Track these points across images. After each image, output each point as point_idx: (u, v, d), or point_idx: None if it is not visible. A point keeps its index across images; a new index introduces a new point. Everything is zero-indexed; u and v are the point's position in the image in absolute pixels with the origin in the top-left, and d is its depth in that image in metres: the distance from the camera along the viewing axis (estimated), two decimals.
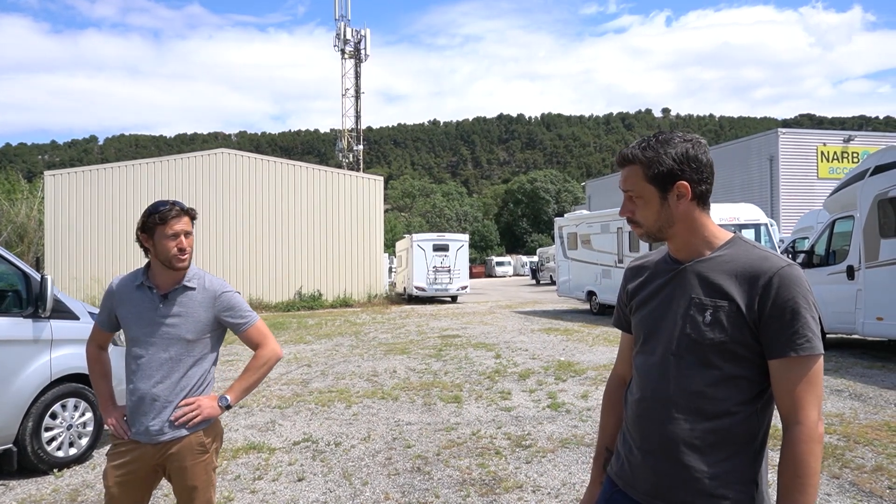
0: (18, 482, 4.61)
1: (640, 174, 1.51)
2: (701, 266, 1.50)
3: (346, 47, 40.86)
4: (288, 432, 5.83)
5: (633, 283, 1.68)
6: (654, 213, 1.51)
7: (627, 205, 1.56)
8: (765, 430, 1.47)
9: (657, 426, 1.49)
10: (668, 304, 1.53)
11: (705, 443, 1.43)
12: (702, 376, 1.44)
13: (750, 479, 1.43)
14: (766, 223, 13.96)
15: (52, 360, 4.84)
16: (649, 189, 1.50)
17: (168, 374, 2.40)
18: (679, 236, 1.53)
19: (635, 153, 1.51)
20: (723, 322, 1.42)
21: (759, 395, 1.44)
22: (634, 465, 1.54)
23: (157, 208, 2.42)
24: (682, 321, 1.48)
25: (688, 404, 1.45)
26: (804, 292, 1.39)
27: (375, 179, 24.09)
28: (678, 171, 1.48)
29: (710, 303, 1.45)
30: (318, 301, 21.58)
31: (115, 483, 2.40)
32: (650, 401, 1.52)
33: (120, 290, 2.53)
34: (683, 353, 1.47)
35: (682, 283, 1.52)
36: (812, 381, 1.37)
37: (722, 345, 1.42)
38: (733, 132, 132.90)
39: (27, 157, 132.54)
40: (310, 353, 10.83)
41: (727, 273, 1.45)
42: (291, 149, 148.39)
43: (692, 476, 1.43)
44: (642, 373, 1.57)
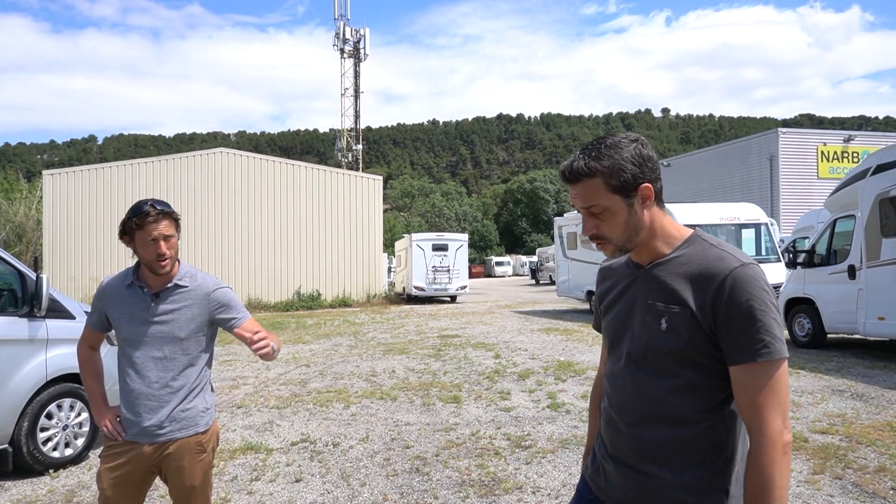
0: (14, 483, 4.57)
1: (601, 186, 1.40)
2: (658, 269, 1.44)
3: (345, 47, 40.85)
4: (286, 433, 5.79)
5: (603, 286, 1.64)
6: (622, 224, 1.42)
7: (590, 221, 1.44)
8: (740, 436, 1.40)
9: (624, 434, 1.47)
10: (629, 309, 1.49)
11: (671, 452, 1.39)
12: (662, 384, 1.40)
13: (719, 487, 1.37)
14: (766, 223, 13.93)
15: (47, 359, 4.80)
16: (615, 200, 1.40)
17: (163, 373, 2.37)
18: (644, 243, 1.46)
19: (592, 165, 1.39)
20: (678, 329, 1.36)
21: (725, 402, 1.38)
22: (607, 472, 1.53)
23: (136, 210, 2.34)
24: (640, 328, 1.44)
25: (651, 413, 1.41)
26: (760, 293, 1.31)
27: (375, 179, 24.05)
28: (639, 175, 1.40)
29: (664, 309, 1.39)
30: (316, 301, 21.54)
31: (110, 485, 2.37)
32: (616, 409, 1.49)
33: (110, 290, 2.49)
34: (643, 361, 1.43)
35: (640, 288, 1.47)
36: (774, 388, 1.30)
37: (680, 352, 1.37)
38: (733, 132, 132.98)
39: (26, 157, 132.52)
40: (308, 353, 10.79)
41: (682, 276, 1.39)
42: (291, 148, 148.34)
43: (659, 485, 1.40)
44: (609, 380, 1.55)
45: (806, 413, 5.95)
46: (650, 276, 1.45)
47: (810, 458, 4.65)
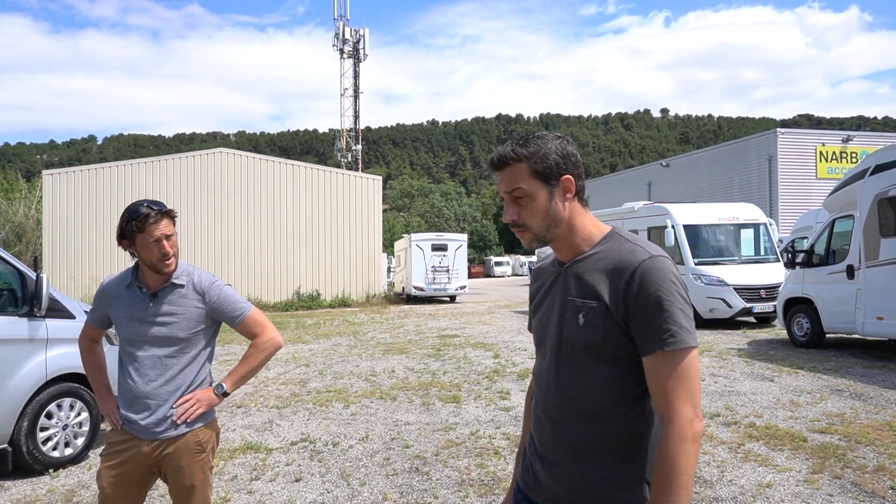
0: (13, 482, 4.57)
1: (525, 171, 1.43)
2: (578, 266, 1.47)
3: (344, 47, 40.84)
4: (286, 432, 5.79)
5: (533, 287, 1.67)
6: (542, 213, 1.44)
7: (511, 207, 1.46)
8: (654, 427, 1.42)
9: (550, 432, 1.48)
10: (552, 308, 1.52)
11: (595, 447, 1.40)
12: (583, 380, 1.42)
13: (642, 478, 1.39)
14: (765, 223, 13.94)
15: (47, 359, 4.80)
16: (537, 185, 1.43)
17: (162, 372, 2.37)
18: (562, 236, 1.48)
19: (517, 150, 1.43)
20: (595, 323, 1.38)
21: (644, 396, 1.39)
22: (536, 471, 1.54)
23: (134, 213, 2.34)
24: (560, 325, 1.47)
25: (574, 409, 1.43)
26: (668, 284, 1.34)
27: (374, 179, 24.04)
28: (562, 166, 1.44)
29: (581, 304, 1.42)
30: (316, 301, 21.53)
31: (109, 484, 2.37)
32: (542, 407, 1.51)
33: (111, 290, 2.50)
34: (564, 358, 1.45)
35: (561, 286, 1.50)
36: (683, 377, 1.31)
37: (597, 346, 1.39)
38: (732, 132, 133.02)
39: (26, 157, 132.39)
40: (308, 353, 10.79)
41: (598, 271, 1.42)
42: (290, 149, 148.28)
43: (586, 481, 1.41)
44: (536, 379, 1.57)
45: (805, 412, 5.96)
46: (570, 273, 1.47)
47: (809, 458, 4.66)
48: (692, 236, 13.35)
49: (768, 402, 6.39)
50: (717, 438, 5.21)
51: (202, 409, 2.38)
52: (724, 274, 12.68)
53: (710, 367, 8.39)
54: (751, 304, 12.48)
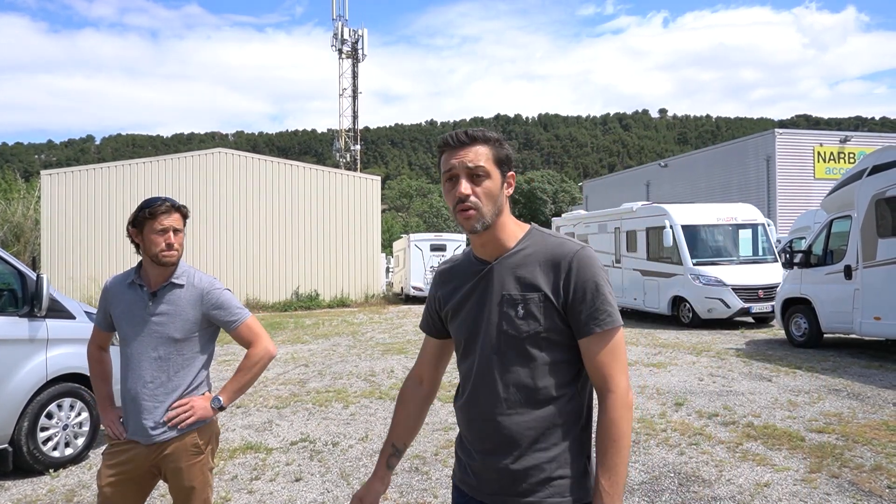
0: (14, 482, 4.59)
1: (489, 154, 1.49)
2: (507, 262, 1.53)
3: (343, 47, 40.82)
4: (285, 432, 5.80)
5: (444, 289, 1.67)
6: (494, 198, 1.49)
7: (470, 182, 1.46)
8: (588, 406, 1.54)
9: (491, 425, 1.51)
10: (482, 305, 1.54)
11: (539, 431, 1.47)
12: (524, 368, 1.48)
13: (582, 453, 1.51)
14: (763, 223, 13.97)
15: (47, 359, 4.81)
16: (496, 172, 1.50)
17: (157, 373, 2.38)
18: (494, 229, 1.51)
19: (486, 133, 1.50)
20: (534, 313, 1.47)
21: (578, 375, 1.52)
22: (476, 470, 1.56)
23: (148, 203, 2.40)
24: (497, 319, 1.51)
25: (517, 398, 1.49)
26: (599, 271, 1.47)
27: (373, 179, 24.05)
28: (511, 161, 1.54)
29: (520, 297, 1.48)
30: (315, 301, 21.54)
31: (108, 483, 2.37)
32: (481, 402, 1.53)
33: (113, 288, 2.52)
34: (504, 350, 1.50)
35: (491, 282, 1.53)
36: (616, 352, 1.46)
37: (538, 335, 1.47)
38: (730, 132, 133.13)
39: (24, 157, 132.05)
40: (307, 353, 10.80)
41: (532, 264, 1.50)
42: (289, 149, 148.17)
43: (533, 465, 1.47)
44: (468, 377, 1.58)
45: (803, 412, 5.99)
46: (501, 269, 1.53)
47: (807, 457, 4.68)
48: (690, 237, 13.37)
49: (766, 402, 6.41)
50: (716, 438, 5.23)
51: (195, 419, 2.38)
52: (723, 274, 12.70)
53: (708, 367, 8.41)
54: (749, 305, 12.51)
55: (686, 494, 4.08)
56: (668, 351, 9.95)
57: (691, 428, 5.55)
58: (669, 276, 13.52)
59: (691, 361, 8.93)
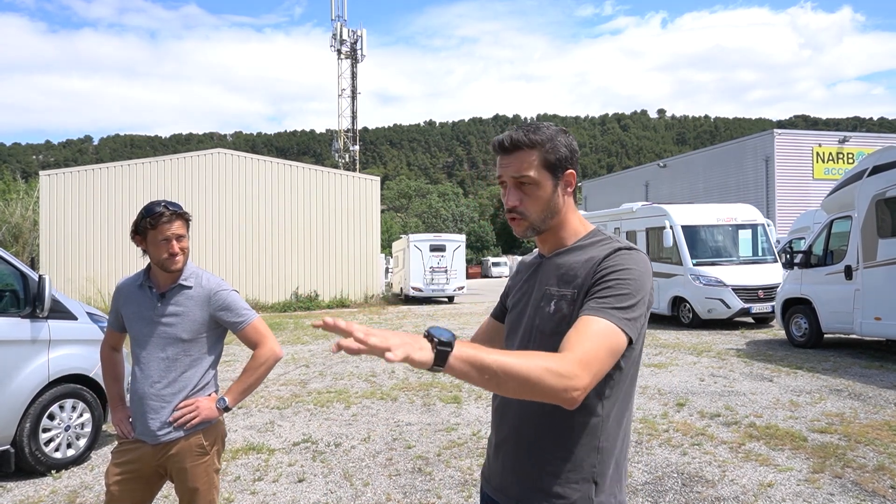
0: (16, 483, 4.57)
1: (536, 159, 1.42)
2: (558, 258, 1.49)
3: (342, 48, 40.83)
4: (287, 433, 5.80)
5: (514, 279, 1.68)
6: (544, 203, 1.44)
7: (515, 193, 1.44)
8: (612, 427, 1.39)
9: (506, 421, 1.50)
10: (527, 298, 1.53)
11: (545, 438, 1.40)
12: None
13: (589, 478, 1.38)
14: (763, 223, 13.98)
15: (49, 360, 4.80)
16: (545, 176, 1.43)
17: (165, 373, 2.39)
18: (552, 229, 1.49)
19: (531, 137, 1.42)
20: (564, 311, 1.40)
21: (600, 391, 1.37)
22: (490, 460, 1.57)
23: (150, 211, 2.39)
24: (533, 313, 1.48)
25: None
26: (636, 272, 1.34)
27: (372, 180, 24.03)
28: (569, 160, 1.45)
29: (556, 293, 1.43)
30: (314, 302, 21.53)
31: (115, 481, 2.39)
32: (502, 396, 1.51)
33: (124, 290, 2.53)
34: (532, 345, 1.46)
35: (539, 277, 1.52)
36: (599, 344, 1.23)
37: (563, 334, 1.36)
38: (728, 133, 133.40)
39: (21, 157, 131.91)
40: (307, 354, 10.80)
41: (578, 263, 1.44)
42: (287, 149, 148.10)
43: (533, 471, 1.42)
44: None
45: (804, 412, 5.99)
46: (550, 265, 1.50)
47: (810, 457, 4.69)
48: (691, 237, 13.39)
49: (768, 402, 6.42)
50: (718, 438, 5.23)
51: (200, 419, 2.39)
52: (723, 274, 12.72)
53: (709, 368, 8.42)
54: (749, 305, 12.52)
55: (690, 495, 4.08)
56: (669, 351, 9.95)
57: (693, 428, 5.55)
58: (669, 277, 13.53)
59: (692, 362, 8.93)
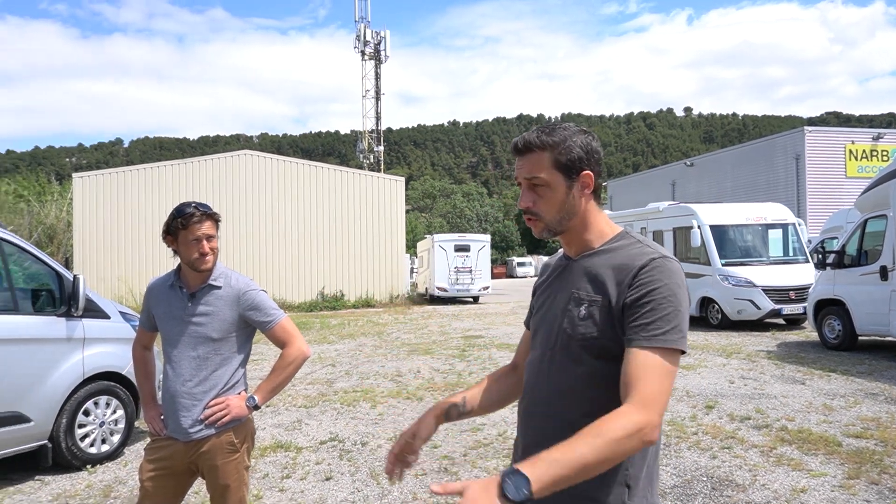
0: (53, 477, 4.70)
1: (547, 161, 1.42)
2: (586, 261, 1.46)
3: (366, 49, 41.08)
4: (314, 431, 5.85)
5: (539, 280, 1.67)
6: (558, 205, 1.43)
7: (528, 194, 1.46)
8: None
9: (534, 424, 1.48)
10: (554, 300, 1.51)
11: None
12: (572, 373, 1.41)
13: (622, 482, 1.36)
14: (794, 223, 13.71)
15: (84, 358, 4.92)
16: (557, 177, 1.42)
17: (196, 372, 2.43)
18: (574, 230, 1.48)
19: (542, 138, 1.42)
20: (595, 317, 1.38)
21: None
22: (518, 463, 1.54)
23: (181, 212, 2.43)
24: (560, 316, 1.46)
25: (559, 402, 1.42)
26: (673, 285, 1.32)
27: (396, 180, 24.14)
28: (585, 161, 1.43)
29: (586, 297, 1.41)
30: (340, 301, 21.69)
31: (149, 477, 2.44)
32: (530, 398, 1.51)
33: (155, 289, 2.58)
34: (558, 350, 1.44)
35: (567, 279, 1.50)
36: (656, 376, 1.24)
37: (594, 340, 1.37)
38: (757, 131, 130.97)
39: (55, 160, 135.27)
40: (334, 353, 10.88)
41: (607, 267, 1.41)
42: (312, 150, 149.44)
43: None
44: (526, 371, 1.57)
45: (838, 416, 5.86)
46: (578, 267, 1.48)
47: (844, 463, 4.58)
48: (719, 237, 13.18)
49: (800, 406, 6.29)
50: (749, 442, 5.14)
51: (230, 417, 2.43)
52: (752, 275, 12.50)
53: (738, 370, 8.28)
54: (780, 306, 12.28)
55: (720, 499, 4.01)
56: (698, 353, 9.81)
57: (723, 431, 5.46)
58: (697, 277, 13.34)
59: (721, 363, 8.79)
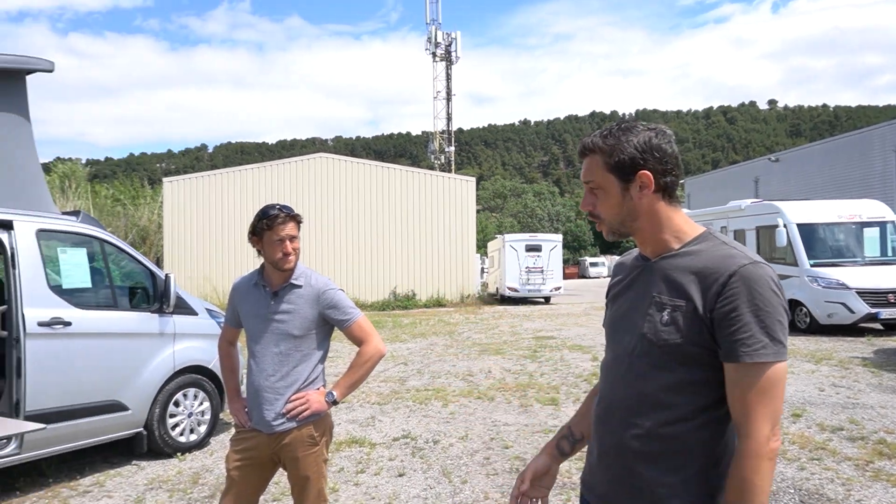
0: (148, 463, 5.03)
1: (600, 163, 1.43)
2: (665, 262, 1.42)
3: (437, 51, 41.39)
4: (387, 428, 5.97)
5: (613, 280, 1.63)
6: (616, 206, 1.43)
7: (588, 197, 1.48)
8: (730, 439, 1.36)
9: (611, 429, 1.45)
10: (632, 302, 1.48)
11: (656, 450, 1.36)
12: (656, 379, 1.37)
13: (705, 492, 1.34)
14: (893, 220, 12.78)
15: (175, 352, 5.23)
16: (610, 179, 1.43)
17: (278, 367, 2.53)
18: (644, 231, 1.45)
19: (595, 142, 1.44)
20: (679, 323, 1.34)
21: (720, 402, 1.33)
22: (593, 468, 1.52)
23: (266, 213, 2.54)
24: (640, 321, 1.42)
25: (640, 408, 1.39)
26: (767, 292, 1.28)
27: (467, 180, 24.22)
28: (640, 161, 1.40)
29: (668, 302, 1.37)
30: (412, 301, 21.98)
31: (235, 467, 2.57)
32: (606, 403, 1.48)
33: (240, 288, 2.71)
34: (639, 355, 1.40)
35: (646, 281, 1.45)
36: (766, 391, 1.26)
37: (677, 347, 1.34)
38: (850, 123, 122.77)
39: (147, 166, 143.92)
40: (406, 352, 11.05)
41: (689, 270, 1.36)
42: (384, 152, 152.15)
43: (641, 484, 1.37)
44: (603, 374, 1.54)
45: None
46: (656, 269, 1.43)
47: None
48: (807, 236, 12.47)
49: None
50: (841, 454, 4.84)
51: (311, 412, 2.52)
52: (845, 276, 11.74)
53: (829, 377, 7.81)
54: (876, 310, 11.47)
55: None
56: None
57: (812, 441, 5.17)
58: (783, 279, 12.66)
59: (810, 370, 8.32)
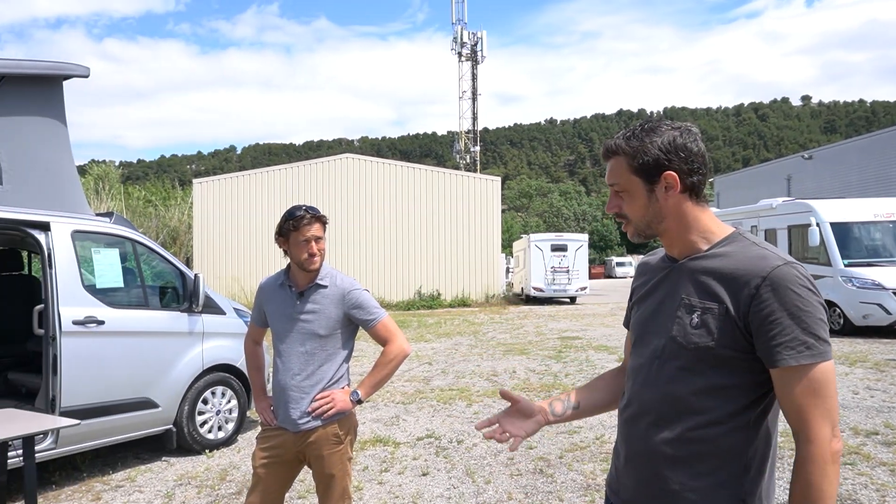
0: (177, 459, 5.13)
1: (624, 165, 1.41)
2: (694, 264, 1.39)
3: (462, 50, 41.38)
4: (412, 427, 6.00)
5: (638, 281, 1.60)
6: (642, 208, 1.41)
7: (613, 200, 1.46)
8: (761, 444, 1.33)
9: (639, 433, 1.43)
10: (660, 304, 1.45)
11: (687, 454, 1.34)
12: (686, 383, 1.34)
13: (737, 497, 1.31)
14: None
15: (203, 350, 5.33)
16: (635, 181, 1.41)
17: (304, 366, 2.56)
18: (671, 232, 1.43)
19: (619, 143, 1.42)
20: (710, 326, 1.31)
21: (751, 406, 1.31)
22: (620, 472, 1.50)
23: (292, 214, 2.57)
24: (669, 323, 1.39)
25: (670, 411, 1.36)
26: (805, 292, 1.25)
27: (493, 180, 24.18)
28: (665, 161, 1.37)
29: (698, 304, 1.34)
30: (436, 300, 22.02)
31: (262, 464, 2.61)
32: (635, 406, 1.45)
33: (266, 288, 2.76)
34: (668, 358, 1.38)
35: (674, 283, 1.43)
36: (819, 392, 1.23)
37: (708, 350, 1.31)
38: (889, 118, 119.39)
39: (178, 167, 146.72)
40: (430, 352, 11.08)
41: (720, 272, 1.33)
42: (410, 152, 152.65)
43: (670, 488, 1.35)
44: (630, 376, 1.51)
45: None
46: (685, 271, 1.41)
47: None
48: (841, 235, 12.17)
49: None
50: (876, 459, 4.73)
51: (335, 410, 2.55)
52: (882, 276, 11.43)
53: (864, 380, 7.62)
54: None
55: None
56: None
57: (846, 446, 5.05)
58: (816, 279, 12.28)
59: (844, 372, 8.12)
